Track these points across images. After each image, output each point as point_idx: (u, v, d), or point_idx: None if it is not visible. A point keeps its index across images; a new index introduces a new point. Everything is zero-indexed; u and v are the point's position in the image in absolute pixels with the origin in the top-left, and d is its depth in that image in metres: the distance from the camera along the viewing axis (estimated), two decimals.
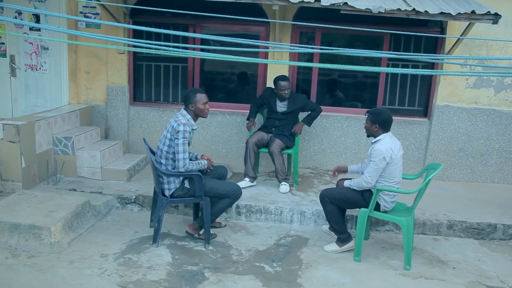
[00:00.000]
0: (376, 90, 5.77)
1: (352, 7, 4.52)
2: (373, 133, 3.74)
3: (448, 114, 5.63)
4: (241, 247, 3.95)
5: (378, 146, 3.64)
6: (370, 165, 3.65)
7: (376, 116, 3.70)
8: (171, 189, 3.84)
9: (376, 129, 3.70)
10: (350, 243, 3.91)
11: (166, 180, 3.83)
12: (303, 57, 5.79)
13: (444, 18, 4.57)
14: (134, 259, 3.59)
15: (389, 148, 3.61)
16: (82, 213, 4.10)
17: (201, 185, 3.80)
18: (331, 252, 3.89)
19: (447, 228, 4.43)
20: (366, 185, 3.67)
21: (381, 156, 3.58)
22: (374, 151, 3.64)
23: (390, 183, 3.70)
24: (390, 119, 3.72)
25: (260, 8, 5.40)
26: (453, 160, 5.72)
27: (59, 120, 5.17)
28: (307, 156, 5.87)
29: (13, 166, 4.54)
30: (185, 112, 3.86)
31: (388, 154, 3.59)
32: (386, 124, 3.70)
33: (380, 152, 3.59)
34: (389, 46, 5.60)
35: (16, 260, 3.45)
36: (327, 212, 3.89)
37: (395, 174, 3.70)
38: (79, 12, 5.65)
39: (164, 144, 3.80)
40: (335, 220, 3.89)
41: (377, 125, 3.68)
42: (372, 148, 3.69)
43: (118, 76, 5.80)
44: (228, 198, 3.92)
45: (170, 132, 3.77)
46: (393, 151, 3.63)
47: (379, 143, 3.67)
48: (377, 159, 3.59)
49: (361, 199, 3.78)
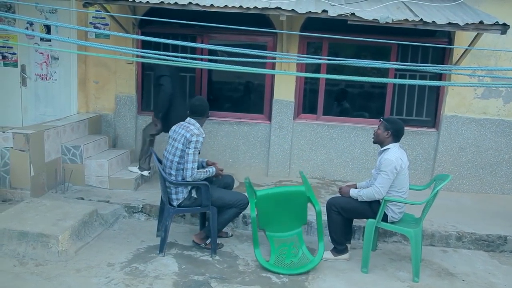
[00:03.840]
0: (384, 100, 5.76)
1: (359, 17, 4.54)
2: (382, 140, 3.73)
3: (457, 125, 5.59)
4: (247, 257, 3.93)
5: (387, 156, 3.62)
6: (381, 176, 3.62)
7: (391, 124, 3.70)
8: (179, 199, 3.85)
9: (387, 136, 3.69)
10: (345, 255, 3.89)
11: (174, 190, 3.83)
12: (310, 67, 5.80)
13: (452, 28, 4.56)
14: (140, 269, 3.59)
15: (398, 157, 3.60)
16: (90, 222, 4.11)
17: (208, 195, 3.80)
18: (324, 259, 3.83)
19: (456, 240, 4.38)
20: (377, 196, 3.64)
21: (392, 166, 3.57)
22: (384, 161, 3.62)
23: (398, 193, 3.67)
24: (403, 130, 3.74)
25: (267, 18, 5.44)
26: (461, 171, 5.67)
27: (68, 129, 5.22)
28: (314, 166, 5.86)
29: (22, 175, 4.58)
30: (194, 121, 3.88)
31: (398, 164, 3.58)
32: (399, 134, 3.70)
33: (390, 162, 3.58)
34: (396, 56, 5.60)
35: (24, 268, 3.46)
36: (331, 221, 3.86)
37: (403, 184, 3.68)
38: (89, 23, 5.73)
39: (175, 155, 3.79)
40: (336, 231, 3.86)
41: (389, 132, 3.68)
42: (382, 157, 3.68)
43: (127, 85, 5.85)
44: (235, 208, 3.91)
45: (183, 143, 3.76)
46: (402, 160, 3.63)
47: (388, 152, 3.65)
48: (388, 169, 3.58)
49: (369, 210, 3.76)
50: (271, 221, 3.93)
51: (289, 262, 3.74)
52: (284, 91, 5.70)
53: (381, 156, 3.69)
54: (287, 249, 3.86)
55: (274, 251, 3.82)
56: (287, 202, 3.90)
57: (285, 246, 3.89)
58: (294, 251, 3.85)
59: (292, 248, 3.87)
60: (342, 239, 3.89)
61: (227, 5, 4.66)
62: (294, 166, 5.83)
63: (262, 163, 5.90)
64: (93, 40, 5.64)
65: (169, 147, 3.88)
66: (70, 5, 5.64)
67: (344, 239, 3.92)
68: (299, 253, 3.82)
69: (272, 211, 3.90)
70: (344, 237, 3.94)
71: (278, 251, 3.83)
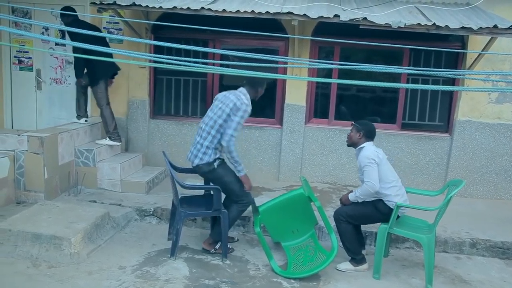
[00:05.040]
0: (396, 105, 5.72)
1: (371, 22, 4.52)
2: (355, 142, 3.84)
3: (470, 130, 5.53)
4: (258, 262, 3.92)
5: (363, 153, 3.73)
6: (366, 171, 3.67)
7: (363, 126, 3.84)
8: (203, 159, 3.79)
9: (359, 137, 3.80)
10: (364, 265, 3.84)
11: (204, 150, 3.79)
12: (322, 71, 5.79)
13: (465, 32, 4.52)
14: (151, 272, 3.60)
15: (373, 151, 3.73)
16: (102, 225, 4.14)
17: (219, 199, 3.81)
18: (344, 270, 3.81)
19: (470, 247, 4.32)
20: (371, 189, 3.63)
21: (370, 158, 3.67)
22: (362, 158, 3.72)
23: (388, 187, 3.68)
24: (374, 131, 3.87)
25: (279, 23, 5.45)
26: (475, 177, 5.60)
27: (81, 132, 5.28)
28: (326, 171, 5.83)
29: (36, 177, 4.64)
30: (246, 91, 3.85)
31: (375, 155, 3.70)
32: (371, 134, 3.84)
33: (367, 155, 3.69)
34: (409, 61, 5.57)
35: (37, 270, 3.50)
36: (341, 231, 3.81)
37: (388, 176, 3.72)
38: (102, 28, 5.80)
39: (220, 117, 3.75)
40: (350, 240, 3.81)
41: (361, 133, 3.80)
42: (359, 157, 3.77)
43: (139, 90, 5.91)
44: (237, 204, 3.88)
45: (231, 108, 3.73)
46: (379, 152, 3.75)
47: (363, 150, 3.76)
48: (367, 162, 3.66)
49: (375, 212, 3.73)
50: (282, 231, 3.94)
51: (307, 265, 3.73)
52: (295, 95, 5.69)
53: (359, 156, 3.79)
54: (303, 254, 3.85)
55: (292, 259, 3.81)
56: (290, 208, 3.90)
57: (301, 251, 3.89)
58: (310, 253, 3.84)
59: (308, 251, 3.87)
60: (357, 248, 3.85)
61: (239, 10, 4.69)
62: (306, 170, 5.82)
63: (273, 167, 5.90)
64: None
65: (215, 108, 3.84)
66: (85, 11, 5.73)
67: (359, 247, 3.88)
68: (316, 254, 3.81)
69: (280, 222, 3.91)
70: (359, 246, 3.90)
71: (295, 258, 3.83)
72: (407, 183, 5.55)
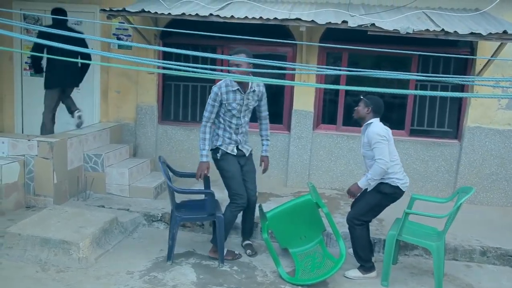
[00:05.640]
0: (404, 111, 5.69)
1: (379, 28, 4.52)
2: (363, 116, 3.80)
3: (480, 136, 5.48)
4: (266, 268, 3.90)
5: (373, 129, 3.67)
6: (377, 148, 3.62)
7: (371, 100, 3.79)
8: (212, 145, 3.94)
9: (368, 112, 3.76)
10: (373, 273, 3.80)
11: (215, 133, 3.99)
12: (330, 77, 5.78)
13: (475, 38, 4.50)
14: (159, 277, 3.61)
15: (383, 127, 3.71)
16: (110, 230, 4.16)
17: (214, 203, 3.85)
18: (353, 278, 3.78)
19: (480, 255, 4.26)
20: (383, 166, 3.58)
21: (382, 135, 3.63)
22: (371, 134, 3.66)
23: (392, 165, 3.66)
24: (383, 106, 3.83)
25: (287, 29, 5.47)
26: (485, 184, 5.54)
27: (90, 138, 5.32)
28: (334, 177, 5.81)
29: (45, 182, 4.68)
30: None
31: (385, 132, 3.67)
32: (379, 109, 3.79)
33: (378, 133, 3.64)
34: (417, 66, 5.54)
35: (46, 274, 3.52)
36: (356, 237, 3.76)
37: (392, 153, 3.70)
38: (112, 34, 5.86)
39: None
40: (363, 247, 3.77)
41: (370, 108, 3.75)
42: (367, 132, 3.71)
43: (147, 95, 5.94)
44: (230, 205, 3.87)
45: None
46: (388, 130, 3.72)
47: (372, 126, 3.71)
48: (380, 139, 3.61)
49: (381, 197, 3.70)
50: (290, 238, 3.93)
51: (315, 272, 3.70)
52: (303, 101, 5.69)
53: (366, 131, 3.74)
54: (311, 260, 3.83)
55: (299, 266, 3.79)
56: (298, 214, 3.89)
57: (309, 257, 3.87)
58: (318, 260, 3.82)
59: (316, 257, 3.84)
60: (368, 255, 3.82)
61: (247, 16, 4.71)
62: (313, 176, 5.80)
63: (281, 173, 5.88)
64: (116, 51, 5.77)
65: None
66: (95, 17, 5.80)
67: (369, 254, 3.86)
68: (324, 261, 3.79)
69: (288, 228, 3.90)
70: (370, 252, 3.88)
71: (303, 264, 3.81)
72: (416, 189, 5.50)
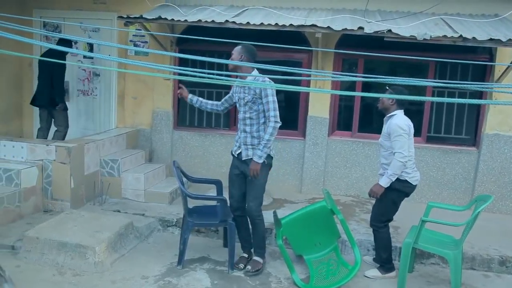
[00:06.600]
0: (421, 118, 5.62)
1: (396, 34, 4.49)
2: (387, 107, 3.79)
3: (499, 143, 5.38)
4: (280, 274, 3.88)
5: (395, 121, 3.67)
6: (397, 140, 3.61)
7: (397, 92, 3.75)
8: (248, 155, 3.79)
9: (392, 104, 3.75)
10: (392, 273, 3.83)
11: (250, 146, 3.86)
12: (345, 83, 5.76)
13: (494, 44, 4.44)
14: (174, 282, 3.62)
15: (406, 121, 3.68)
16: (125, 234, 4.20)
17: (226, 209, 3.86)
18: (372, 277, 3.82)
19: (499, 264, 4.17)
20: (402, 160, 3.57)
21: (404, 129, 3.62)
22: (394, 126, 3.65)
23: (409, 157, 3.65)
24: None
25: (302, 35, 5.47)
26: (504, 192, 5.43)
27: (106, 143, 5.39)
28: (349, 184, 5.77)
29: (63, 187, 4.75)
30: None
31: (408, 126, 3.66)
32: (403, 101, 3.77)
33: (400, 125, 3.63)
34: (434, 73, 5.49)
35: (62, 278, 3.56)
36: (380, 239, 3.81)
37: (410, 149, 3.69)
38: (129, 41, 5.95)
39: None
40: (386, 248, 3.81)
41: (394, 99, 3.73)
42: (389, 124, 3.71)
43: (163, 101, 6.00)
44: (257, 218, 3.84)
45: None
46: (410, 124, 3.71)
47: (395, 118, 3.71)
48: (402, 132, 3.61)
49: (395, 193, 3.71)
50: (304, 244, 3.91)
51: (329, 279, 3.68)
52: (318, 107, 5.67)
53: (389, 122, 3.74)
54: (326, 267, 3.81)
55: (314, 273, 3.77)
56: (313, 221, 3.87)
57: (323, 264, 3.85)
58: (332, 267, 3.80)
59: (330, 264, 3.82)
60: (390, 256, 3.86)
61: (263, 23, 4.74)
62: (328, 183, 5.76)
63: (296, 179, 5.87)
64: (133, 57, 5.85)
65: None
66: (112, 24, 5.89)
67: (391, 255, 3.88)
68: (338, 268, 3.77)
69: (302, 234, 3.88)
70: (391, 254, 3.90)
71: (317, 271, 3.78)
72: (433, 197, 5.43)
